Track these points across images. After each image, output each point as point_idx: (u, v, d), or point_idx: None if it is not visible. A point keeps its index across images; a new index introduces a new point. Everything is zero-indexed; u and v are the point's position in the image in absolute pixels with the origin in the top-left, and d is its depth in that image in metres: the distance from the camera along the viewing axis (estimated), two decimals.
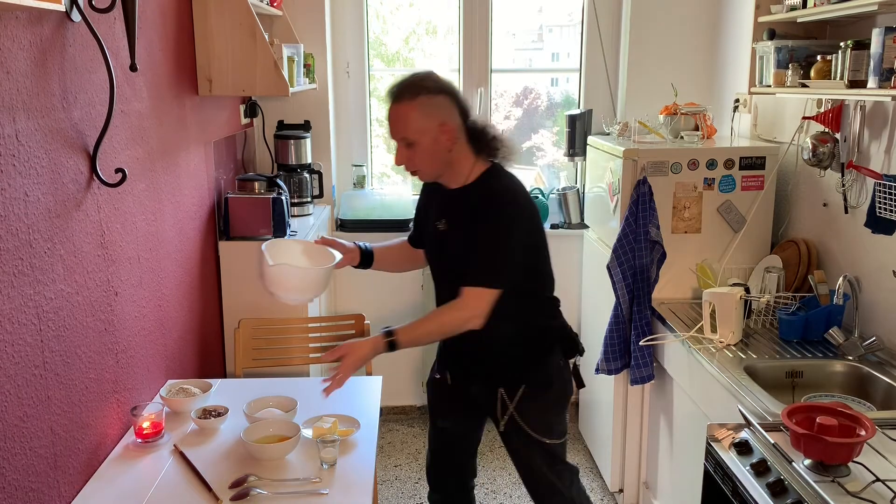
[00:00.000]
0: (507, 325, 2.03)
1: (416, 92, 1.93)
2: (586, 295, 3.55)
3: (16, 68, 1.48)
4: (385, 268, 2.34)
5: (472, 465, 2.40)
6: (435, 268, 2.19)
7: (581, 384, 2.26)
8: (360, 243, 2.24)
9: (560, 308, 2.18)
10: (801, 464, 1.58)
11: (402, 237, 2.35)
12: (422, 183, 2.19)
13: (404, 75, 2.00)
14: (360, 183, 3.71)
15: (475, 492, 2.45)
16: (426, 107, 1.92)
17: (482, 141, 2.03)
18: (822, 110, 2.53)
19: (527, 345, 2.10)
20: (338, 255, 2.15)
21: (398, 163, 2.01)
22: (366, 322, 2.77)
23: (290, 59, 2.90)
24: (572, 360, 2.21)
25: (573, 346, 2.17)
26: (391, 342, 1.97)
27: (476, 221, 1.96)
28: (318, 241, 2.21)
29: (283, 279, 2.03)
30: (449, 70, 3.75)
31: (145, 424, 1.93)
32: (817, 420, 1.57)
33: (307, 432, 1.94)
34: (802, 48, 2.46)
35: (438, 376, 2.26)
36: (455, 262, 2.03)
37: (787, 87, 2.45)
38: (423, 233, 2.23)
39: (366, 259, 2.23)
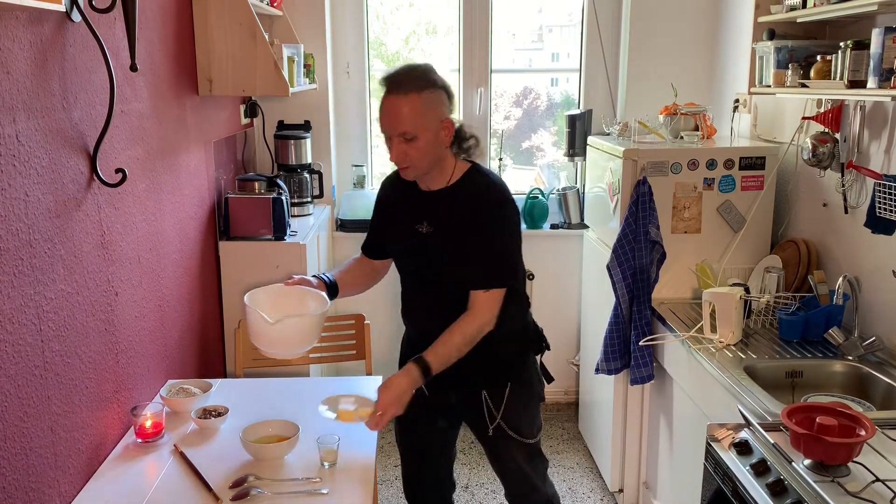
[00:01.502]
0: (499, 324, 1.97)
1: (422, 85, 1.83)
2: (586, 295, 3.55)
3: (16, 68, 1.48)
4: (349, 292, 2.16)
5: (452, 477, 2.35)
6: (412, 273, 2.08)
7: (550, 379, 2.20)
8: (323, 275, 2.08)
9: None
10: (801, 464, 1.58)
11: (355, 255, 2.22)
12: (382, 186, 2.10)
13: (401, 66, 1.89)
14: (360, 183, 3.71)
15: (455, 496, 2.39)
16: (431, 101, 1.84)
17: (462, 138, 1.97)
18: (821, 110, 2.53)
19: (511, 343, 2.06)
20: (322, 294, 1.99)
21: (394, 159, 1.89)
22: (366, 322, 2.76)
23: (290, 59, 2.90)
24: (538, 356, 2.19)
25: (541, 341, 2.16)
26: (425, 369, 1.88)
27: (475, 223, 1.92)
28: (288, 282, 2.02)
29: (288, 335, 1.85)
30: (449, 70, 3.75)
31: (146, 424, 1.93)
32: (817, 420, 1.57)
33: (330, 415, 1.89)
34: (802, 48, 2.46)
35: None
36: (440, 265, 1.97)
37: (787, 87, 2.45)
38: (391, 238, 2.10)
39: (331, 291, 2.06)
